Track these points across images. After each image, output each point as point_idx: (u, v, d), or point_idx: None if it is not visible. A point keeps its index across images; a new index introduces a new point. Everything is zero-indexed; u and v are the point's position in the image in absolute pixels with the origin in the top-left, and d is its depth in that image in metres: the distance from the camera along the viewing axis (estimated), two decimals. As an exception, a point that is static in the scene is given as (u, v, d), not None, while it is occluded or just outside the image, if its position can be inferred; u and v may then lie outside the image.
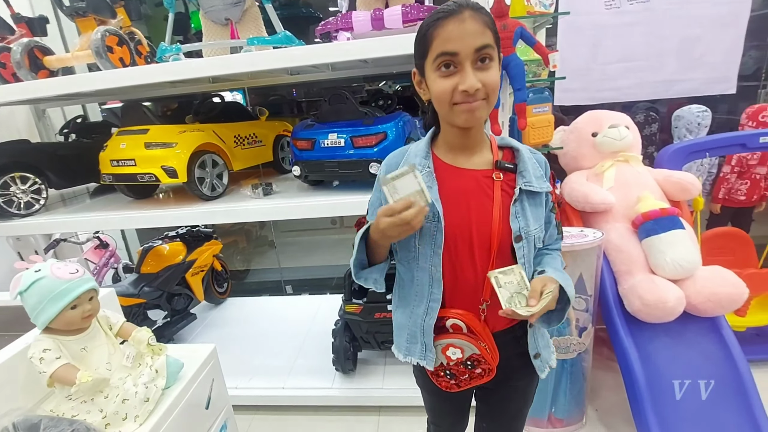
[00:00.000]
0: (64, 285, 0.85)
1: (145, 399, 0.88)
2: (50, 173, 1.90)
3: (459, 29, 0.69)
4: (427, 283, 0.83)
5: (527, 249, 0.81)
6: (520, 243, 0.80)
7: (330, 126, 1.61)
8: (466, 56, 0.70)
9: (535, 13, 1.69)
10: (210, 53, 1.79)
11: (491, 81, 0.71)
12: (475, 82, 0.70)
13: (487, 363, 0.82)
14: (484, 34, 0.70)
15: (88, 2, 1.77)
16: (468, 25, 0.69)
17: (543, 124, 1.73)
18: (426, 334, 0.84)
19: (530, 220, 0.80)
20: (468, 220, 0.79)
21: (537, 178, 0.81)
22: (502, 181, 0.80)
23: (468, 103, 0.72)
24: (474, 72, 0.71)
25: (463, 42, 0.69)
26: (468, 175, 0.81)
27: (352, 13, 1.60)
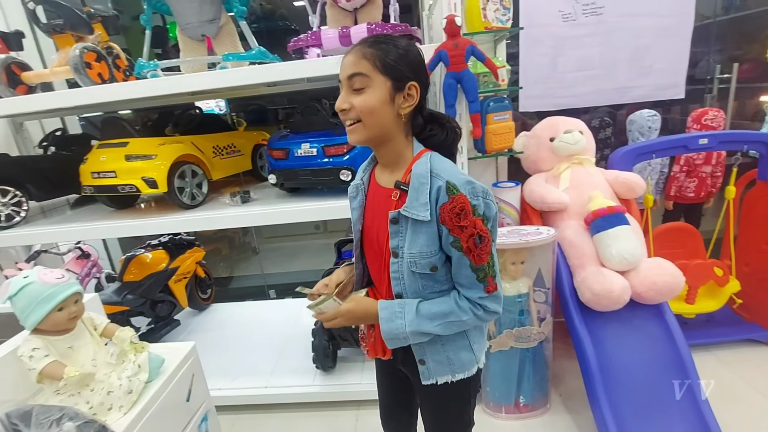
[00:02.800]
0: (51, 289, 0.93)
1: (129, 391, 0.96)
2: (30, 186, 1.94)
3: (344, 60, 0.83)
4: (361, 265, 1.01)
5: (401, 266, 0.86)
6: (396, 258, 0.87)
7: (303, 136, 1.71)
8: (343, 82, 0.83)
9: (492, 29, 1.83)
10: (187, 68, 1.87)
11: (359, 103, 0.80)
12: (340, 102, 0.83)
13: (368, 346, 1.02)
14: (357, 65, 0.80)
15: (66, 19, 1.82)
16: (349, 57, 0.82)
17: (504, 131, 1.86)
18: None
19: (407, 242, 0.84)
20: (373, 229, 0.92)
21: (420, 204, 0.81)
22: (398, 200, 0.85)
23: (348, 124, 0.84)
24: (349, 95, 0.82)
25: (343, 70, 0.82)
26: (380, 192, 0.91)
27: (321, 31, 1.71)
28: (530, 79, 2.51)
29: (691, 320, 2.12)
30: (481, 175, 2.30)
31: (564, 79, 2.59)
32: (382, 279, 0.92)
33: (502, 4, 1.83)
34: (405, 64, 0.81)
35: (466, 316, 0.85)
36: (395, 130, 0.84)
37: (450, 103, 1.45)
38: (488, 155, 1.89)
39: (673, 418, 1.53)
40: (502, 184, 1.98)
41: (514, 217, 1.95)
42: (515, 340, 1.71)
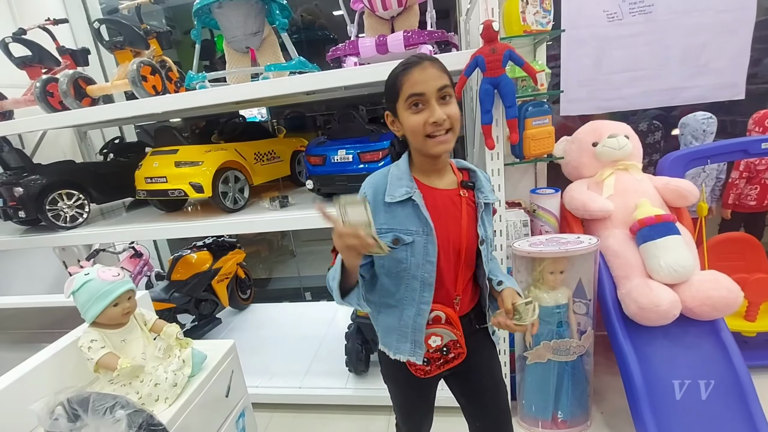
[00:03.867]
0: (108, 286, 1.00)
1: (174, 384, 1.02)
2: (92, 190, 2.12)
3: (423, 75, 0.85)
4: (418, 289, 0.94)
5: (488, 249, 0.99)
6: (483, 245, 0.97)
7: (340, 143, 1.75)
8: (431, 95, 0.85)
9: (531, 32, 1.79)
10: (233, 79, 1.97)
11: (453, 113, 0.87)
12: (441, 114, 0.85)
13: (461, 346, 0.98)
14: (442, 77, 0.86)
15: (125, 36, 1.98)
16: (429, 71, 0.85)
17: (543, 136, 1.81)
18: (417, 332, 0.96)
19: (488, 226, 0.98)
20: (446, 231, 0.93)
21: (489, 192, 0.98)
22: (466, 197, 0.96)
23: (440, 136, 0.87)
24: (440, 107, 0.86)
25: (428, 84, 0.85)
26: (442, 194, 0.95)
27: (359, 39, 1.74)
28: (572, 81, 2.42)
29: (752, 339, 1.96)
30: (518, 181, 2.24)
31: (609, 81, 2.48)
32: (456, 278, 0.96)
33: (542, 7, 1.79)
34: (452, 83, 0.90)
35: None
36: None
37: (487, 108, 1.43)
38: (526, 161, 1.85)
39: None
40: (541, 191, 1.92)
41: (553, 224, 1.88)
42: (553, 353, 1.65)
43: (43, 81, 1.98)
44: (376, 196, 0.93)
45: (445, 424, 1.38)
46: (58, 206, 1.97)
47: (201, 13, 1.80)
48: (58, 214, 1.97)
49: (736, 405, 1.46)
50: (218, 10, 1.77)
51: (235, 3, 1.73)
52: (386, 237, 0.91)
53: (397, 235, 0.90)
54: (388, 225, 0.91)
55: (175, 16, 3.33)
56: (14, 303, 1.46)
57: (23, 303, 1.47)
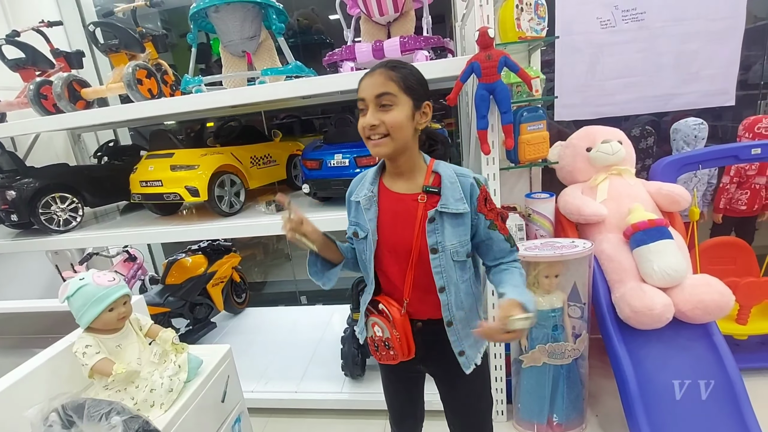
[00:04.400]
0: (103, 291, 1.00)
1: (170, 389, 1.01)
2: (86, 193, 2.10)
3: (369, 81, 0.90)
4: (368, 277, 1.06)
5: (444, 260, 0.96)
6: (435, 254, 0.95)
7: (336, 147, 1.76)
8: (370, 101, 0.89)
9: (526, 39, 1.81)
10: (229, 83, 1.97)
11: (389, 120, 0.88)
12: (371, 119, 0.89)
13: (404, 348, 1.00)
14: (386, 85, 0.88)
15: (121, 39, 1.97)
16: (375, 78, 0.89)
17: (538, 141, 1.82)
18: (365, 315, 1.08)
19: (447, 236, 0.94)
20: (395, 235, 0.98)
21: (456, 200, 0.94)
22: (426, 202, 0.95)
23: (375, 140, 0.91)
24: (377, 112, 0.89)
25: (368, 90, 0.90)
26: (399, 198, 0.98)
27: (355, 45, 1.75)
28: (567, 87, 2.45)
29: (744, 342, 1.98)
30: (514, 185, 2.26)
31: (603, 87, 2.51)
32: (404, 281, 0.99)
33: (536, 14, 1.81)
34: (422, 86, 0.94)
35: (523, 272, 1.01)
36: (412, 143, 0.95)
37: (482, 114, 1.44)
38: (521, 165, 1.87)
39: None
40: (536, 195, 1.93)
41: (548, 229, 1.90)
42: (548, 356, 1.66)
43: (36, 83, 1.97)
44: (349, 195, 1.07)
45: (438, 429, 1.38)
46: (51, 210, 1.95)
47: (197, 17, 1.79)
48: (51, 218, 1.95)
49: (729, 407, 1.47)
50: (215, 14, 1.77)
51: (231, 7, 1.73)
52: (351, 229, 1.05)
53: (356, 229, 1.03)
54: (355, 219, 1.04)
55: (171, 19, 3.32)
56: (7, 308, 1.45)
57: (16, 308, 1.45)
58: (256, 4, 1.75)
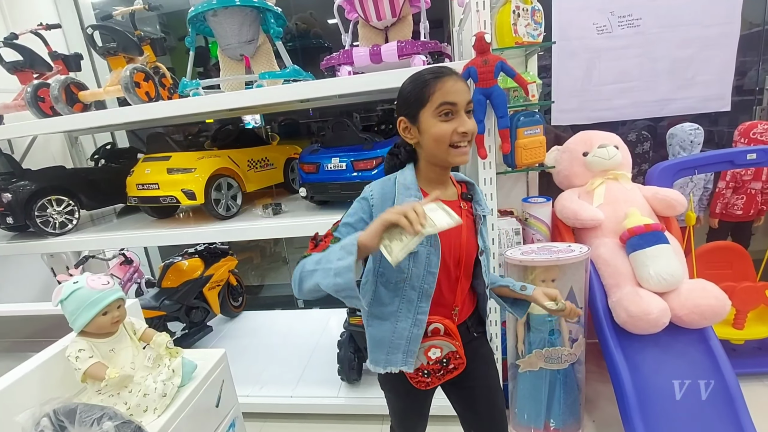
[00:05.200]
0: (97, 294, 0.99)
1: (163, 394, 1.01)
2: (82, 196, 2.09)
3: (457, 86, 0.88)
4: (416, 300, 0.95)
5: (488, 259, 1.04)
6: (483, 256, 1.01)
7: (333, 151, 1.76)
8: (462, 106, 0.88)
9: (523, 44, 1.82)
10: (227, 86, 1.97)
11: (473, 127, 0.90)
12: (471, 124, 0.89)
13: (461, 357, 0.99)
14: (469, 92, 0.90)
15: (119, 42, 1.96)
16: (461, 84, 0.89)
17: (535, 145, 1.83)
18: (413, 342, 0.96)
19: (485, 237, 1.02)
20: (449, 243, 0.95)
21: (485, 204, 1.03)
22: (465, 209, 0.99)
23: (462, 147, 0.89)
24: (466, 119, 0.89)
25: (460, 95, 0.87)
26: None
27: (353, 49, 1.76)
28: (564, 92, 2.47)
29: (740, 347, 1.98)
30: (510, 189, 2.27)
31: (600, 92, 2.52)
32: (455, 289, 0.99)
33: (533, 19, 1.82)
34: None
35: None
36: None
37: (479, 118, 1.44)
38: (518, 170, 1.87)
39: (719, 453, 1.43)
40: (533, 199, 1.94)
41: (544, 233, 1.90)
42: (545, 361, 1.66)
43: (34, 86, 1.96)
44: (384, 203, 0.93)
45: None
46: (47, 212, 1.94)
47: (196, 20, 1.79)
48: (47, 221, 1.94)
49: (725, 412, 1.47)
50: (213, 18, 1.77)
51: (229, 11, 1.74)
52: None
53: None
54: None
55: (170, 22, 3.32)
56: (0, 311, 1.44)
57: (9, 311, 1.44)
58: (254, 8, 1.76)
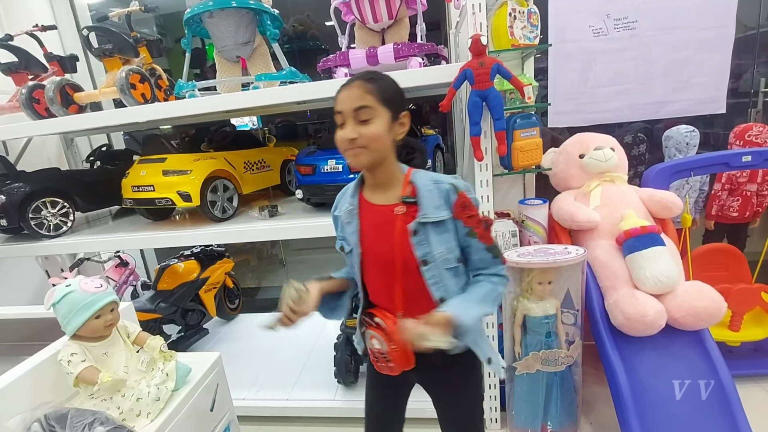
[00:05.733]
0: (90, 297, 0.98)
1: (157, 398, 1.00)
2: (77, 198, 2.08)
3: (346, 94, 0.89)
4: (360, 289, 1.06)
5: (436, 271, 0.93)
6: (426, 266, 0.93)
7: (330, 153, 1.75)
8: (348, 114, 0.88)
9: (519, 46, 1.82)
10: (223, 88, 1.96)
11: (367, 133, 0.87)
12: (349, 133, 0.88)
13: (393, 362, 0.97)
14: (363, 98, 0.87)
15: (114, 44, 1.96)
16: (352, 91, 0.88)
17: (531, 147, 1.83)
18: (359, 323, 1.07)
19: (434, 246, 0.92)
20: (377, 248, 0.97)
21: (435, 208, 0.92)
22: (406, 213, 0.93)
23: (351, 149, 0.89)
24: (355, 126, 0.88)
25: (345, 104, 0.88)
26: (379, 210, 0.97)
27: (350, 51, 1.76)
28: (560, 94, 2.47)
29: (736, 349, 1.99)
30: (507, 192, 2.27)
31: (596, 94, 2.53)
32: (393, 293, 0.97)
33: (529, 22, 1.83)
34: (399, 97, 0.94)
35: (501, 287, 0.96)
36: (390, 154, 0.94)
37: (475, 120, 1.45)
38: (515, 172, 1.87)
39: (715, 455, 1.43)
40: (529, 202, 1.94)
41: (541, 235, 1.90)
42: (542, 363, 1.66)
43: (29, 87, 1.95)
44: (333, 210, 1.06)
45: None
46: (41, 214, 1.93)
47: (192, 22, 1.79)
48: (41, 223, 1.93)
49: (722, 414, 1.47)
50: (209, 20, 1.77)
51: (226, 13, 1.73)
52: (338, 243, 1.05)
53: (342, 243, 1.04)
54: (341, 233, 1.04)
55: (166, 23, 3.32)
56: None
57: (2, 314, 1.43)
58: (250, 9, 1.75)
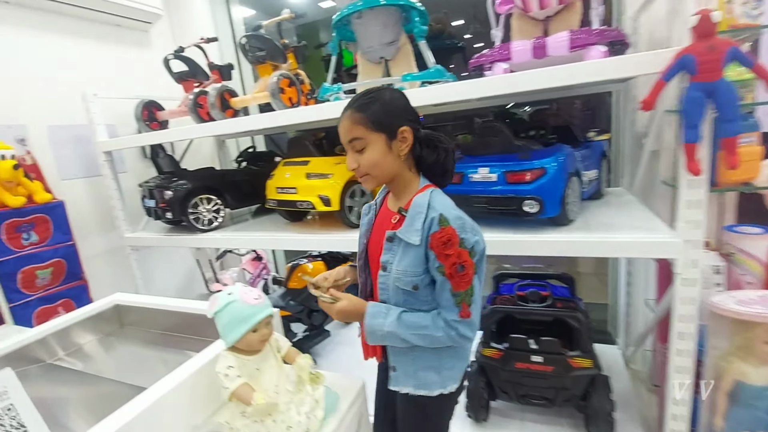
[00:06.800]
0: (249, 309, 0.94)
1: (306, 429, 0.91)
2: (228, 195, 2.22)
3: (340, 128, 0.95)
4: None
5: (387, 279, 0.98)
6: (384, 272, 0.98)
7: (480, 159, 1.55)
8: (346, 145, 0.96)
9: (740, 27, 1.40)
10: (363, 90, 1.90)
11: (364, 162, 0.94)
12: (350, 163, 0.97)
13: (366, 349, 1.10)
14: (352, 131, 0.92)
15: (267, 51, 2.04)
16: (343, 124, 0.94)
17: (747, 158, 1.39)
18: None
19: (397, 260, 0.96)
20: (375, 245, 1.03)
21: (411, 230, 0.93)
22: (397, 222, 0.98)
23: (359, 176, 0.98)
24: (354, 155, 0.95)
25: (343, 136, 0.95)
26: (386, 214, 1.04)
27: (511, 44, 1.53)
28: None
29: None
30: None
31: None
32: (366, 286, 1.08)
33: (757, -7, 1.39)
34: (391, 116, 0.93)
35: (439, 333, 0.94)
36: (400, 168, 0.97)
37: (694, 123, 1.10)
38: (720, 189, 1.44)
39: None
40: (742, 229, 1.48)
41: (757, 273, 1.43)
42: (762, 450, 1.22)
43: (195, 94, 2.14)
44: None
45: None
46: (198, 210, 2.09)
47: (340, 24, 1.76)
48: (198, 217, 2.09)
49: None
50: (357, 21, 1.73)
51: (375, 12, 1.67)
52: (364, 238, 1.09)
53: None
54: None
55: (304, 33, 3.48)
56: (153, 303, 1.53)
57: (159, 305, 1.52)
58: (398, 7, 1.67)
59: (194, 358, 1.04)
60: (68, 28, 2.37)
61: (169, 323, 1.48)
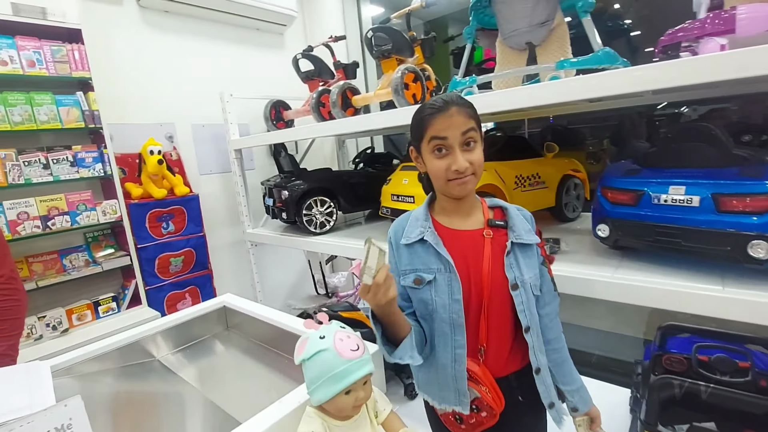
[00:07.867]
0: (344, 365, 0.72)
1: None
2: (341, 198, 2.12)
3: (448, 121, 0.85)
4: (449, 333, 0.88)
5: (525, 296, 0.88)
6: (516, 291, 0.87)
7: (671, 173, 1.10)
8: (454, 141, 0.85)
9: None
10: (499, 83, 1.59)
11: (476, 159, 0.87)
12: (463, 163, 0.85)
13: (490, 406, 0.86)
14: (467, 123, 0.86)
15: (394, 44, 1.87)
16: (455, 118, 0.85)
17: None
18: (459, 380, 0.88)
19: (524, 269, 0.89)
20: (467, 272, 0.88)
21: (526, 231, 0.91)
22: (493, 237, 0.90)
23: (460, 179, 0.86)
24: (462, 155, 0.85)
25: (451, 130, 0.85)
26: (464, 236, 0.91)
27: (736, 10, 1.05)
28: None
29: None
30: None
31: None
32: (479, 328, 0.88)
33: None
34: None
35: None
36: None
37: None
38: None
39: None
40: None
41: None
42: None
43: (318, 92, 2.07)
44: (397, 240, 0.95)
45: None
46: (312, 212, 2.02)
47: (479, 6, 1.48)
48: (311, 219, 2.02)
49: None
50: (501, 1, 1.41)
51: (527, -15, 1.34)
52: (409, 277, 0.91)
53: (418, 275, 0.90)
54: (411, 265, 0.91)
55: (432, 27, 3.28)
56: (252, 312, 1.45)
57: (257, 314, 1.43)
58: (558, -24, 1.30)
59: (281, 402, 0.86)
60: (213, 33, 2.53)
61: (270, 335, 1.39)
